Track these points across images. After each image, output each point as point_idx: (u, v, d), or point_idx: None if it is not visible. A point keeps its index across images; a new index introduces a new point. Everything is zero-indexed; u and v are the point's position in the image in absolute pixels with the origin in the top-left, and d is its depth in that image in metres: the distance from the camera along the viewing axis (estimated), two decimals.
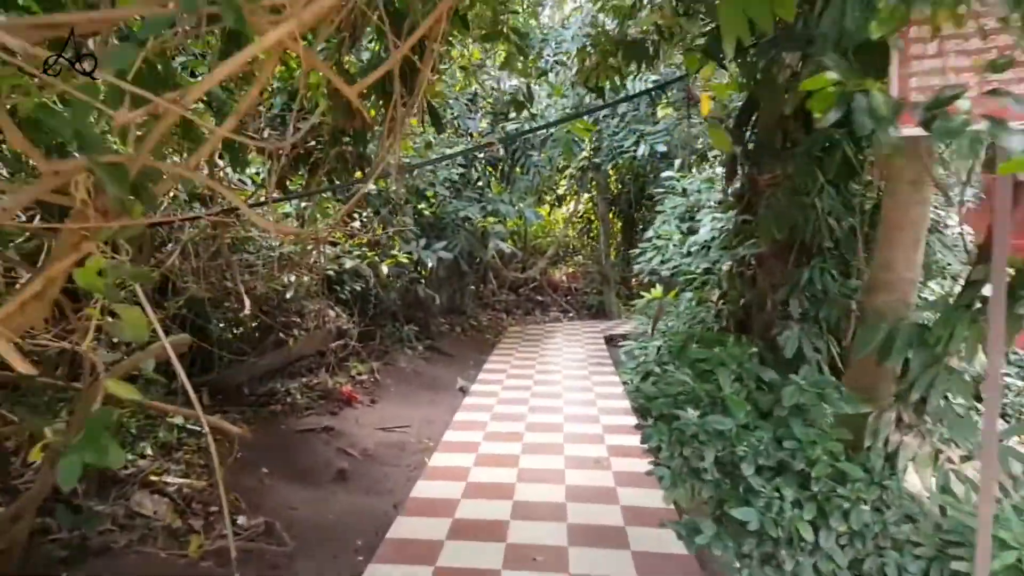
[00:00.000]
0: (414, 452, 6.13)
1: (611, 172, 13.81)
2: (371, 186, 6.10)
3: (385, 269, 5.63)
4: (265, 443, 5.71)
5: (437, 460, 5.70)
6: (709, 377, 3.50)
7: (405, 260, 5.91)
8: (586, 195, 16.03)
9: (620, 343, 11.66)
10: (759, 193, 4.51)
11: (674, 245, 7.24)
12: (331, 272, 5.73)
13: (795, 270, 4.56)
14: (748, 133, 4.82)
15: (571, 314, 14.94)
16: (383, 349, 8.99)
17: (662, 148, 9.10)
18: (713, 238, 6.17)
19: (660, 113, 10.96)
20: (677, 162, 8.57)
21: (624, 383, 8.21)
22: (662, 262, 7.30)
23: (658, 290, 6.16)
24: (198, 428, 5.31)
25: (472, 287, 14.42)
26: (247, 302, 4.82)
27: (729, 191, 5.26)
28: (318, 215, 4.83)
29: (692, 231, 7.44)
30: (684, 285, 6.30)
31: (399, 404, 7.53)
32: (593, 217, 16.91)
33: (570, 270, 17.90)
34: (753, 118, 4.88)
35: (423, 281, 11.66)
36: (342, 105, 3.93)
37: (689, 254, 6.99)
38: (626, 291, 15.82)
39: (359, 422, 6.75)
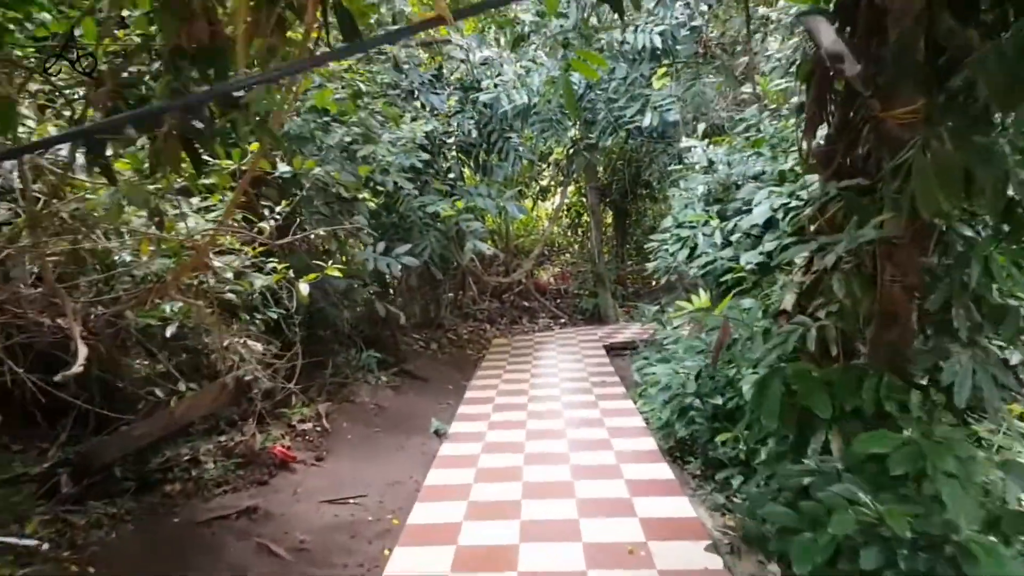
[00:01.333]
0: (370, 538, 4.38)
1: (601, 156, 12.08)
2: (284, 168, 4.33)
3: (304, 288, 3.85)
4: (145, 550, 3.92)
5: (399, 559, 3.96)
6: (892, 483, 1.79)
7: (337, 274, 4.15)
8: (573, 185, 14.32)
9: (625, 353, 10.00)
10: (886, 139, 2.81)
11: (704, 235, 5.53)
12: (231, 295, 3.95)
13: (944, 265, 2.88)
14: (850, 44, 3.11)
15: (563, 320, 13.24)
16: (338, 382, 7.20)
17: (673, 116, 7.38)
18: (771, 220, 4.48)
19: (657, 84, 9.28)
20: (701, 127, 6.84)
21: (642, 411, 6.52)
22: (689, 257, 5.60)
23: (704, 297, 4.44)
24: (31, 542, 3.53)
25: (450, 295, 12.64)
26: (82, 349, 3.03)
27: (811, 147, 3.55)
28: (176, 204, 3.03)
29: (723, 216, 5.76)
30: (731, 286, 4.60)
31: (355, 458, 5.75)
32: (582, 210, 15.23)
33: (558, 270, 16.18)
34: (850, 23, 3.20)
35: (391, 292, 9.87)
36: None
37: (728, 244, 5.31)
38: (623, 291, 14.15)
39: (297, 493, 4.97)
